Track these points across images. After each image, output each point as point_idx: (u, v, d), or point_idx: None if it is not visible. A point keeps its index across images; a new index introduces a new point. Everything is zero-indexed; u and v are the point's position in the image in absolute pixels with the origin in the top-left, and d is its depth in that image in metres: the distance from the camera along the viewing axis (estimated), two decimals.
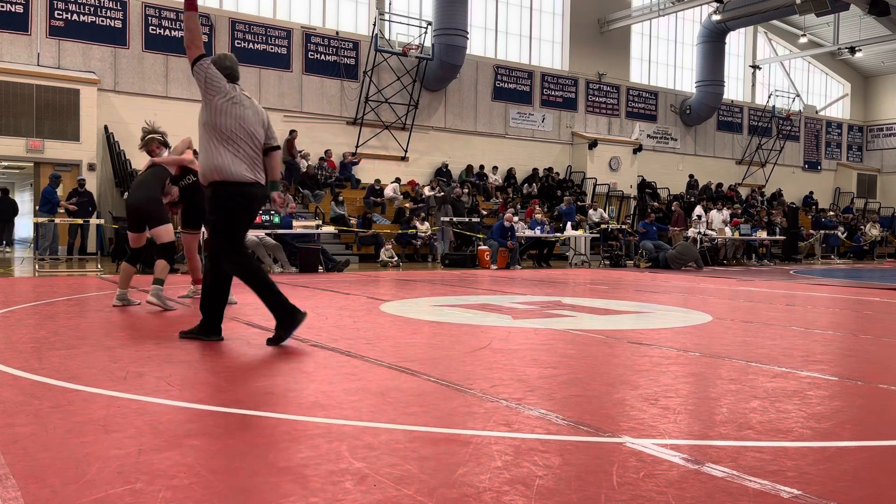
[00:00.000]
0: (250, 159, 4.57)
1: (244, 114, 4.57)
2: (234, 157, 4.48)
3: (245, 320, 5.63)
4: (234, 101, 4.53)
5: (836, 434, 2.70)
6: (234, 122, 4.52)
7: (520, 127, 22.70)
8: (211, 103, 4.49)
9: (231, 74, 4.61)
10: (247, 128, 4.56)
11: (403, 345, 4.58)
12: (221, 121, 4.48)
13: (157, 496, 1.96)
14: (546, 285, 10.15)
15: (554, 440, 2.55)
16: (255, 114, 4.67)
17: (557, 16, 23.78)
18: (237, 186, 4.49)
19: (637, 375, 3.71)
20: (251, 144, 4.58)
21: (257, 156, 4.65)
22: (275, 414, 2.83)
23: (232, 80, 4.61)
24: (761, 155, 28.48)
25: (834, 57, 30.32)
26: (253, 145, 4.60)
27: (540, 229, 16.25)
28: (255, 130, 4.62)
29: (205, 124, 4.51)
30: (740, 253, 19.64)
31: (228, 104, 4.51)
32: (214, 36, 17.75)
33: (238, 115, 4.54)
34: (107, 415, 2.78)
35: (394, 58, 19.51)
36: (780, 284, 11.09)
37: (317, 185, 17.69)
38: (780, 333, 5.42)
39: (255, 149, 4.62)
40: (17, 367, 3.64)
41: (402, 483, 2.08)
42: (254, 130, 4.61)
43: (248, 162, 4.54)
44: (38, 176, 15.47)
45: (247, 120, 4.57)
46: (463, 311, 6.52)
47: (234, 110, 4.52)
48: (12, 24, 15.61)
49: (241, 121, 4.55)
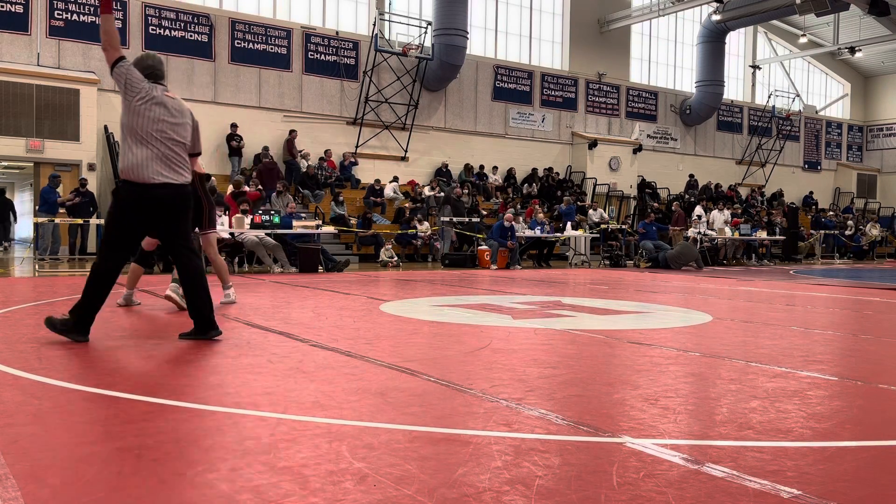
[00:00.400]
0: (165, 159, 4.58)
1: (161, 114, 4.60)
2: (147, 157, 4.52)
3: (245, 320, 5.63)
4: (154, 102, 4.57)
5: (836, 434, 2.70)
6: (149, 123, 4.55)
7: (520, 127, 22.70)
8: (128, 105, 4.56)
9: (153, 74, 4.66)
10: (164, 128, 4.59)
11: (403, 345, 4.58)
12: (136, 122, 4.53)
13: (156, 496, 1.96)
14: (546, 285, 10.15)
15: (554, 440, 2.55)
16: (178, 115, 4.69)
17: (557, 16, 23.78)
18: (140, 188, 4.52)
19: (637, 375, 3.71)
20: (168, 145, 4.60)
21: (177, 156, 4.66)
22: (275, 414, 2.83)
23: (155, 80, 4.66)
24: (761, 155, 28.48)
25: (834, 57, 30.32)
26: (171, 145, 4.62)
27: (540, 229, 16.26)
28: (175, 132, 4.64)
29: (122, 125, 4.59)
30: (740, 253, 19.64)
31: (144, 106, 4.55)
32: (214, 36, 17.76)
33: (154, 117, 4.57)
34: (107, 415, 2.78)
35: (394, 58, 19.51)
36: (779, 284, 11.09)
37: (317, 185, 17.70)
38: (780, 333, 5.42)
39: (172, 149, 4.63)
40: (17, 368, 3.64)
41: (402, 483, 2.08)
42: (173, 132, 4.63)
43: (162, 162, 4.56)
44: (38, 176, 15.47)
45: (164, 121, 4.61)
46: (463, 311, 6.52)
47: (150, 111, 4.56)
48: (12, 24, 15.61)
49: (157, 122, 4.58)
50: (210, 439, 2.48)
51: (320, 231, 13.38)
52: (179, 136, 4.64)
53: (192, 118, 4.83)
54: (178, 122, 4.65)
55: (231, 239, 11.92)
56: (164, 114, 4.57)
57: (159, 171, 4.54)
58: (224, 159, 17.57)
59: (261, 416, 2.80)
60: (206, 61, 17.68)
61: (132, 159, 4.51)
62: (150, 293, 7.69)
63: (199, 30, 17.60)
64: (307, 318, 5.87)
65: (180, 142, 4.65)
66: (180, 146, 4.68)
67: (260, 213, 12.35)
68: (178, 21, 17.35)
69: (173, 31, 17.29)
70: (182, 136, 4.66)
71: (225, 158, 17.54)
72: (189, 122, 4.77)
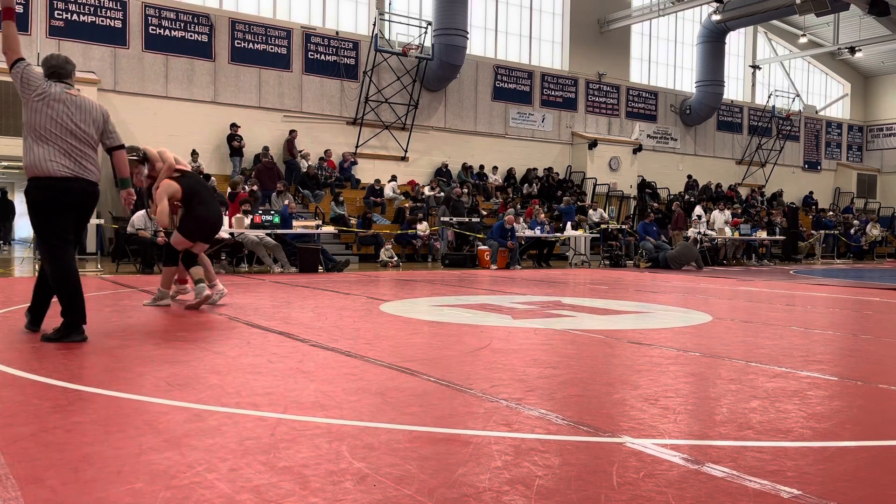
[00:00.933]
0: (68, 155, 4.66)
1: (60, 111, 4.67)
2: (48, 153, 4.61)
3: (245, 320, 5.63)
4: (51, 99, 4.66)
5: (835, 434, 2.70)
6: (48, 120, 4.63)
7: (520, 127, 22.70)
8: (26, 103, 4.67)
9: (57, 73, 4.76)
10: (64, 124, 4.66)
11: (403, 345, 4.58)
12: (35, 118, 4.63)
13: (156, 496, 1.96)
14: (546, 285, 10.15)
15: (554, 440, 2.55)
16: (80, 111, 4.76)
17: (557, 16, 23.78)
18: (48, 181, 4.61)
19: (637, 375, 3.71)
20: (70, 140, 4.68)
21: (81, 151, 4.73)
22: (275, 414, 2.83)
23: (59, 78, 4.75)
24: (761, 155, 28.48)
25: (834, 57, 30.32)
26: (73, 141, 4.70)
27: (540, 229, 16.26)
28: (78, 127, 4.71)
29: (23, 124, 4.69)
30: (740, 253, 19.64)
31: (41, 103, 4.64)
32: (214, 36, 17.76)
33: (52, 114, 4.65)
34: (107, 415, 2.78)
35: (394, 58, 19.51)
36: (779, 284, 11.09)
37: (317, 186, 17.70)
38: (779, 333, 5.42)
39: (75, 145, 4.70)
40: (17, 368, 3.64)
41: (402, 483, 2.08)
42: (75, 127, 4.70)
43: (66, 157, 4.65)
44: None
45: (64, 117, 4.68)
46: (463, 311, 6.52)
47: (48, 108, 4.64)
48: None
49: (56, 118, 4.65)
50: (210, 439, 2.48)
51: (320, 231, 13.37)
52: (82, 132, 4.72)
53: (101, 113, 4.89)
54: (80, 119, 4.72)
55: (231, 239, 11.92)
56: (63, 110, 4.68)
57: (64, 164, 4.66)
58: (224, 159, 17.57)
59: (261, 416, 2.80)
60: (206, 61, 17.68)
61: (32, 157, 4.63)
62: (151, 294, 7.69)
63: (199, 30, 17.60)
64: (307, 318, 5.87)
65: (83, 138, 4.74)
66: (83, 142, 4.77)
67: (260, 212, 12.35)
68: (178, 21, 17.35)
69: (173, 31, 17.29)
70: (85, 132, 4.74)
71: (225, 158, 17.55)
72: (97, 118, 4.83)
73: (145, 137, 16.72)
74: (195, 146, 16.93)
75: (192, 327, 5.26)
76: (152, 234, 11.56)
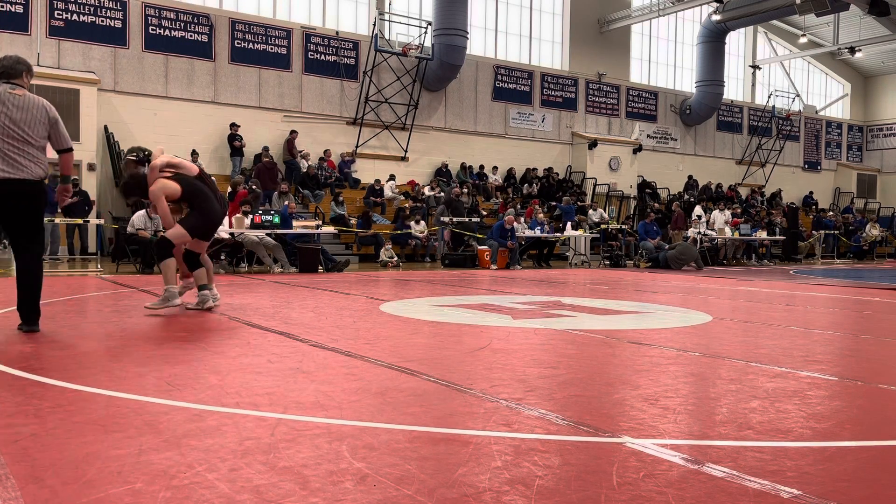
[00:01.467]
0: (4, 155, 4.76)
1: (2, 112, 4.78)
2: None
3: (245, 320, 5.63)
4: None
5: (835, 434, 2.70)
6: None
7: (520, 127, 22.70)
8: None
9: (6, 73, 4.84)
10: (5, 125, 4.75)
11: (403, 345, 4.58)
12: None
13: (156, 496, 1.96)
14: (546, 285, 10.15)
15: (554, 440, 2.55)
16: (21, 110, 4.81)
17: (557, 16, 23.78)
18: None
19: (637, 375, 3.71)
20: (7, 141, 4.76)
21: (17, 150, 4.78)
22: (275, 414, 2.83)
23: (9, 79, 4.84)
24: (761, 155, 28.48)
25: (834, 57, 30.32)
26: (10, 141, 4.77)
27: (540, 229, 16.25)
28: (16, 127, 4.78)
29: None
30: (740, 253, 19.64)
31: None
32: (214, 36, 17.76)
33: None
34: (107, 415, 2.78)
35: (394, 58, 19.51)
36: (780, 284, 11.09)
37: (317, 186, 17.70)
38: (780, 333, 5.42)
39: (12, 144, 4.78)
40: (18, 368, 3.64)
41: (403, 483, 2.08)
42: (15, 128, 4.77)
43: (3, 158, 4.76)
44: None
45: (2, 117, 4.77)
46: (463, 311, 6.52)
47: None
48: (12, 24, 15.61)
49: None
50: (210, 439, 2.48)
51: (320, 231, 13.37)
52: (21, 132, 4.79)
53: (47, 113, 4.95)
54: (20, 118, 4.78)
55: (231, 239, 11.92)
56: (5, 112, 4.72)
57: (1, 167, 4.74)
58: (225, 159, 17.58)
59: (261, 416, 2.80)
60: (207, 61, 17.68)
61: None
62: (151, 294, 7.69)
63: (199, 30, 17.60)
64: (307, 318, 5.87)
65: (22, 137, 4.81)
66: (22, 141, 4.83)
67: (260, 212, 12.35)
68: (178, 21, 17.35)
69: (173, 31, 17.29)
70: (25, 132, 4.81)
71: (226, 158, 17.55)
72: (41, 118, 4.90)
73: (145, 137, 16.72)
74: (195, 146, 16.93)
75: (193, 327, 5.26)
76: (152, 234, 11.56)
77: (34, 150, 4.83)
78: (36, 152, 4.85)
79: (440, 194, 19.01)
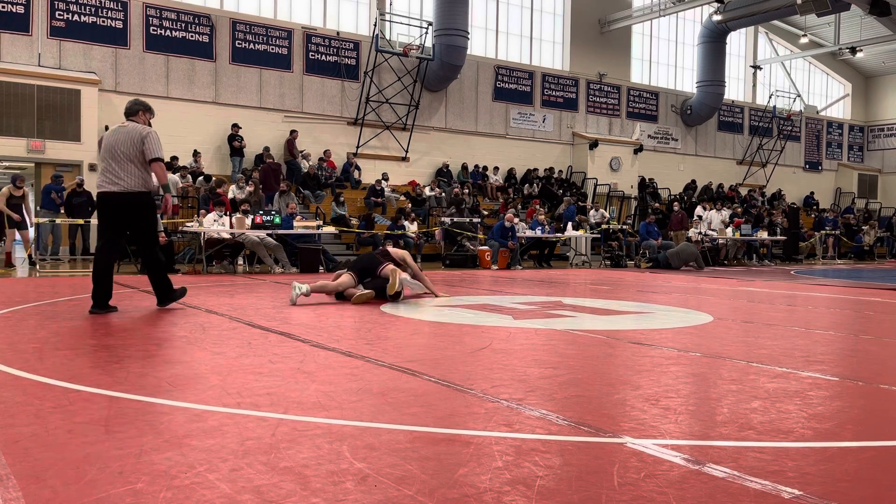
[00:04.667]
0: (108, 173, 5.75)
1: (109, 139, 5.76)
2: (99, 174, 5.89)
3: (246, 321, 5.63)
4: (107, 133, 5.78)
5: (836, 434, 2.69)
6: (101, 148, 5.85)
7: (520, 127, 22.70)
8: None
9: (126, 113, 5.82)
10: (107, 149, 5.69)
11: (404, 345, 4.58)
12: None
13: (157, 496, 1.96)
14: (547, 285, 10.15)
15: (555, 440, 2.55)
16: (122, 136, 5.83)
17: (558, 16, 23.79)
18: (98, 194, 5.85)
19: (638, 376, 3.71)
20: (110, 161, 5.77)
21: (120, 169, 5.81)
22: (276, 414, 2.83)
23: (126, 117, 5.82)
24: (762, 155, 28.48)
25: (835, 57, 30.31)
26: (113, 161, 5.81)
27: (540, 230, 16.25)
28: (117, 150, 5.83)
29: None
30: (741, 253, 19.63)
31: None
32: (215, 36, 17.77)
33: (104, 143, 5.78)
34: (108, 415, 2.78)
35: (394, 58, 19.52)
36: (780, 285, 11.08)
37: (318, 186, 17.70)
38: (780, 334, 5.42)
39: (114, 164, 5.81)
40: (19, 368, 3.64)
41: (403, 483, 2.08)
42: (115, 150, 5.82)
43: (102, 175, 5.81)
44: (39, 177, 15.47)
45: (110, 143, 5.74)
46: (463, 312, 6.52)
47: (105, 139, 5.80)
48: (13, 24, 15.62)
49: (104, 145, 5.75)
50: (211, 439, 2.48)
51: (321, 231, 13.38)
52: (119, 153, 6.10)
53: (140, 134, 6.00)
54: (117, 141, 6.18)
55: (232, 239, 11.92)
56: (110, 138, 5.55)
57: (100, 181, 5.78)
58: (225, 160, 17.59)
59: (262, 416, 2.80)
60: (207, 62, 17.69)
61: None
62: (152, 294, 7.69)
63: (200, 30, 17.61)
64: (308, 318, 5.88)
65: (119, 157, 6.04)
66: (119, 160, 5.80)
67: (261, 213, 12.35)
68: (178, 21, 17.36)
69: (174, 31, 17.30)
70: (121, 152, 6.19)
71: (226, 159, 17.56)
72: (134, 139, 6.08)
73: None
74: (196, 146, 16.95)
75: (193, 328, 5.27)
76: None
77: (132, 167, 5.88)
78: (133, 169, 5.89)
79: (441, 195, 19.01)
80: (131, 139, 5.85)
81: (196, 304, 6.78)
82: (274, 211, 12.92)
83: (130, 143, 5.84)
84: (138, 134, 5.88)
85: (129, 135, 5.88)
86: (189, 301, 7.01)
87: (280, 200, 14.95)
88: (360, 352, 4.26)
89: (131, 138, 5.86)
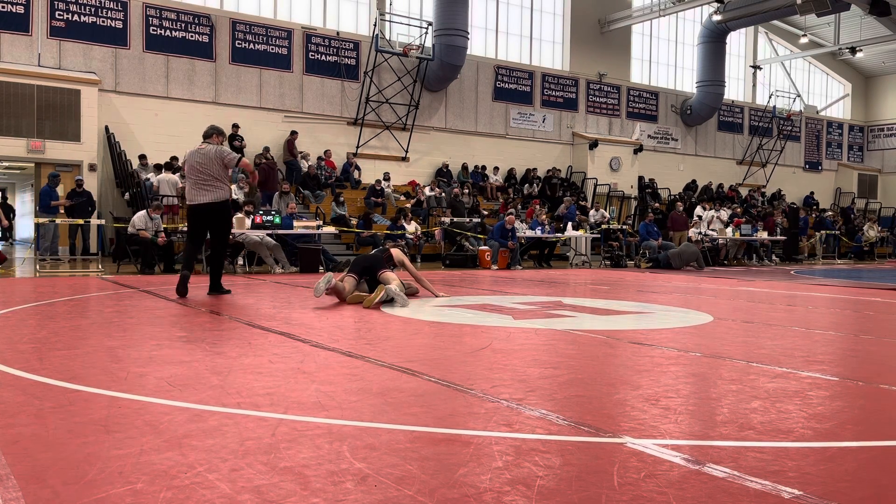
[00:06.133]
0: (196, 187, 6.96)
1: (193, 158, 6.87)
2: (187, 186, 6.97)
3: (246, 320, 5.63)
4: (191, 153, 6.64)
5: (837, 434, 2.69)
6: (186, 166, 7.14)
7: (520, 127, 22.70)
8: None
9: (203, 136, 6.05)
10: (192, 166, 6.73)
11: (404, 345, 4.58)
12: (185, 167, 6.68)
13: (157, 496, 1.96)
14: (547, 285, 10.15)
15: (555, 440, 2.55)
16: (203, 156, 6.89)
17: (558, 16, 23.79)
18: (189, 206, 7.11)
19: (638, 376, 3.71)
20: (196, 177, 6.85)
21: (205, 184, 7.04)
22: (276, 414, 2.83)
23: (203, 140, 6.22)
24: (762, 155, 28.48)
25: (835, 57, 30.31)
26: (200, 177, 6.95)
27: (541, 230, 16.25)
28: (201, 168, 6.91)
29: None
30: (741, 253, 19.64)
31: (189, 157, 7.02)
32: (215, 36, 17.77)
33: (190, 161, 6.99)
34: (108, 415, 2.78)
35: (394, 58, 19.52)
36: (780, 285, 11.08)
37: (317, 186, 17.70)
38: (780, 334, 5.41)
39: (201, 179, 6.89)
40: (18, 368, 3.64)
41: (403, 483, 2.08)
42: (200, 168, 6.92)
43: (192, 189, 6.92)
44: (39, 177, 15.47)
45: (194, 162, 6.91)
46: (463, 312, 6.52)
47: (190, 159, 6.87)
48: (13, 24, 15.62)
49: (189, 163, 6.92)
50: (211, 439, 2.48)
51: (321, 231, 13.38)
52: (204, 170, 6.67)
53: (217, 152, 6.33)
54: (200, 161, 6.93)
55: (231, 239, 11.92)
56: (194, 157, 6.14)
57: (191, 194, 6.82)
58: None
59: (262, 416, 2.80)
60: (207, 62, 17.69)
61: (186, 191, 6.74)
62: (152, 294, 7.69)
63: (200, 30, 17.62)
64: (308, 318, 5.88)
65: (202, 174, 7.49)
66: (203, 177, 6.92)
67: (260, 213, 12.35)
68: (178, 21, 17.36)
69: (174, 31, 17.30)
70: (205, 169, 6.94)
71: None
72: (214, 157, 6.61)
73: (146, 138, 16.75)
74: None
75: (193, 327, 5.27)
76: (153, 234, 11.57)
77: (214, 181, 7.17)
78: (216, 182, 7.16)
79: (441, 195, 19.01)
80: (210, 159, 7.15)
81: (196, 303, 6.78)
82: (274, 211, 12.92)
83: (210, 162, 7.13)
84: (216, 154, 7.19)
85: (208, 156, 7.17)
86: (189, 301, 7.02)
87: (280, 201, 14.95)
88: (360, 352, 4.26)
89: (210, 159, 7.15)
